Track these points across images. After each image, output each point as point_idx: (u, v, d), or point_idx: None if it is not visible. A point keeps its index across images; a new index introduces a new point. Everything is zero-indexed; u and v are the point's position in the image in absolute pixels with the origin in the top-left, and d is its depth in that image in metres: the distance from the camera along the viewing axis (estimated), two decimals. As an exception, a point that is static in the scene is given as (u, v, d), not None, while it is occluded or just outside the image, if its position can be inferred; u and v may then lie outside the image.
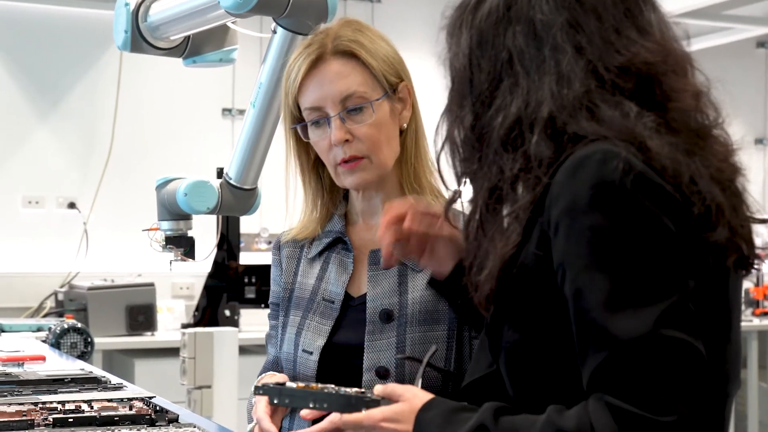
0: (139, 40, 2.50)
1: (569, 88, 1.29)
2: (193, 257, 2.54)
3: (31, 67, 5.51)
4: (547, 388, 1.31)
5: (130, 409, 1.73)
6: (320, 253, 1.89)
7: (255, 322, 5.03)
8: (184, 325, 4.90)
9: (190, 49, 2.56)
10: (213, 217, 2.59)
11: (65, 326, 3.09)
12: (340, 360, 1.79)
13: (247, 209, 2.46)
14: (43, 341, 3.06)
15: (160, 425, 1.68)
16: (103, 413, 1.68)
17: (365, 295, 1.81)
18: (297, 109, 1.83)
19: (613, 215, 1.23)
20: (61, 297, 5.10)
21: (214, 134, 5.77)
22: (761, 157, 6.95)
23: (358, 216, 1.90)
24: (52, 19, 5.53)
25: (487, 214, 1.35)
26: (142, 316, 4.95)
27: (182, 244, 2.52)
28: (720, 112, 1.35)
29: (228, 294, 5.02)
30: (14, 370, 2.17)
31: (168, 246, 2.52)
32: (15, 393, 1.88)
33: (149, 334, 4.98)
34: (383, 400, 1.38)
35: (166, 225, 2.50)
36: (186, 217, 2.50)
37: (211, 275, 5.03)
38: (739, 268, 1.33)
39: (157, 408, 1.76)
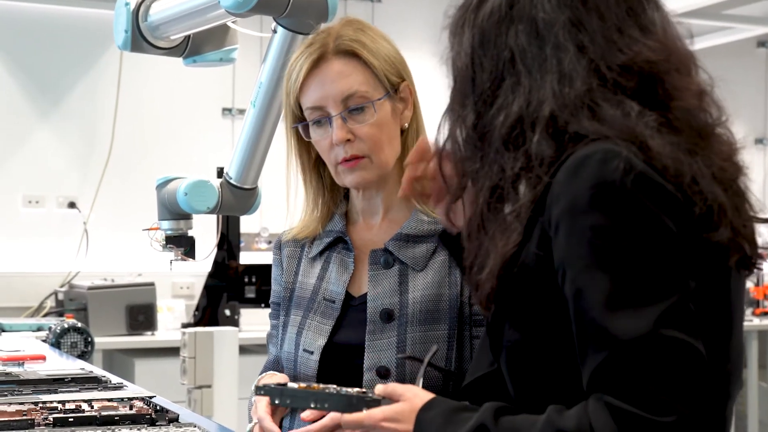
0: (140, 40, 2.50)
1: (571, 87, 1.29)
2: (193, 257, 2.54)
3: (32, 66, 5.50)
4: (548, 388, 1.31)
5: (131, 408, 1.73)
6: (321, 253, 1.89)
7: (255, 321, 5.03)
8: (185, 325, 4.89)
9: (191, 48, 2.56)
10: (213, 217, 2.59)
11: (65, 326, 3.09)
12: (341, 360, 1.79)
13: (247, 209, 2.46)
14: (44, 341, 3.06)
15: (161, 425, 1.68)
16: (104, 413, 1.68)
17: (366, 294, 1.81)
18: (298, 109, 1.83)
19: (614, 215, 1.22)
20: (61, 297, 5.10)
21: (214, 134, 5.77)
22: (761, 157, 6.95)
23: (358, 215, 1.90)
24: (52, 19, 5.53)
25: (489, 213, 1.35)
26: (142, 316, 4.95)
27: (182, 244, 2.52)
28: (723, 111, 1.35)
29: (228, 294, 5.02)
30: (14, 370, 2.17)
31: (168, 245, 2.52)
32: (15, 392, 1.88)
33: (149, 333, 4.98)
34: (384, 400, 1.38)
35: (167, 224, 2.50)
36: (186, 217, 2.50)
37: (211, 275, 5.04)
38: (741, 268, 1.32)
39: (158, 408, 1.75)
